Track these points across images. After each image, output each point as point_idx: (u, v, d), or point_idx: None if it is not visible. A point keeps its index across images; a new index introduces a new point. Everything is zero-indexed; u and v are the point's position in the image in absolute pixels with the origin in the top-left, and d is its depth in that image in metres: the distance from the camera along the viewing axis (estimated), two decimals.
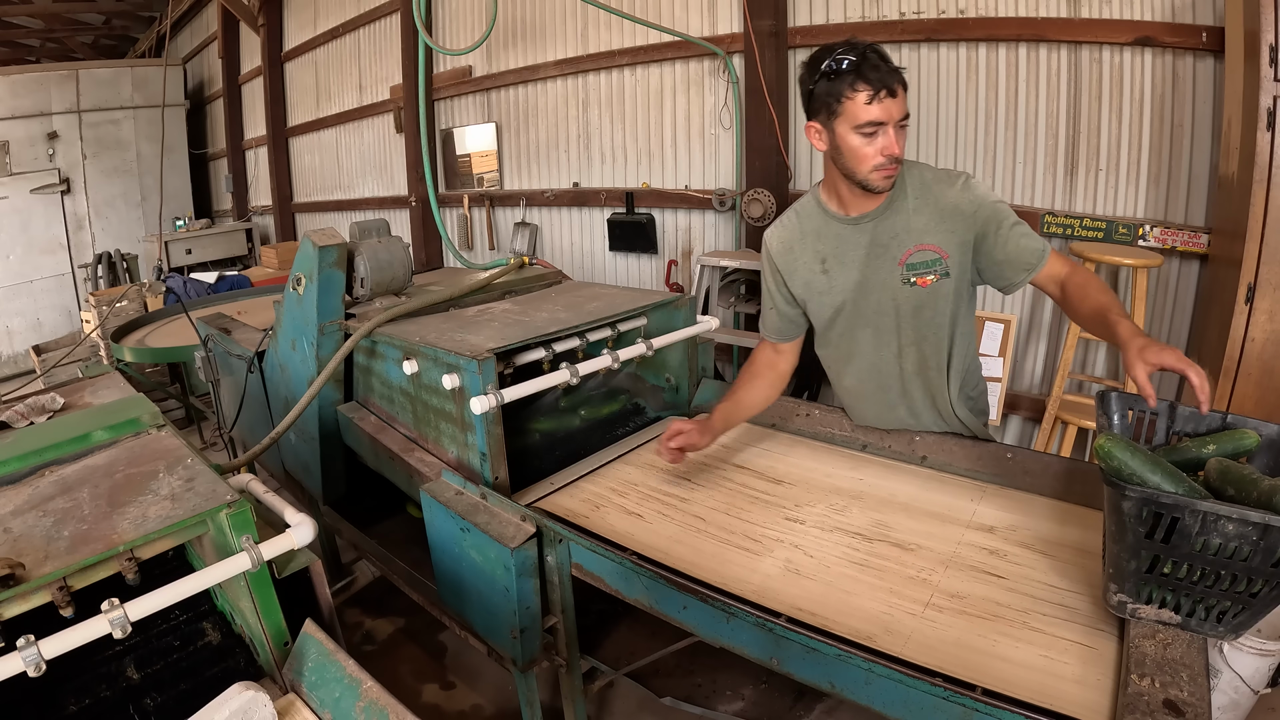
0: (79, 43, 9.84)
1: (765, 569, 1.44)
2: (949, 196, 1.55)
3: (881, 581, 1.38)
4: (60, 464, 1.36)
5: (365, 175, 7.16)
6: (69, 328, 6.97)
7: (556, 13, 4.92)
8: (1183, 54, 2.76)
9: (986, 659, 1.15)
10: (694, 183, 4.42)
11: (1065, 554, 1.41)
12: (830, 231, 1.65)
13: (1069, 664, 1.12)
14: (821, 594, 1.35)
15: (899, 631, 1.23)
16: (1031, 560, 1.41)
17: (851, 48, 1.42)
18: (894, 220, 1.58)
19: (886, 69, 1.42)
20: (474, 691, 2.28)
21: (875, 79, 1.40)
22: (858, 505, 1.66)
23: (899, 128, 1.45)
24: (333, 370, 1.98)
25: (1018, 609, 1.27)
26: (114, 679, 1.28)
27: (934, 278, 1.58)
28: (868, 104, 1.42)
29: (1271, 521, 0.94)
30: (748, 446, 1.99)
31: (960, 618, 1.26)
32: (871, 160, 1.47)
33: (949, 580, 1.37)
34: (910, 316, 1.63)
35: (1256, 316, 2.26)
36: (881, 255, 1.61)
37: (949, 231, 1.55)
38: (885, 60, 1.42)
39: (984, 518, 1.57)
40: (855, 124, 1.44)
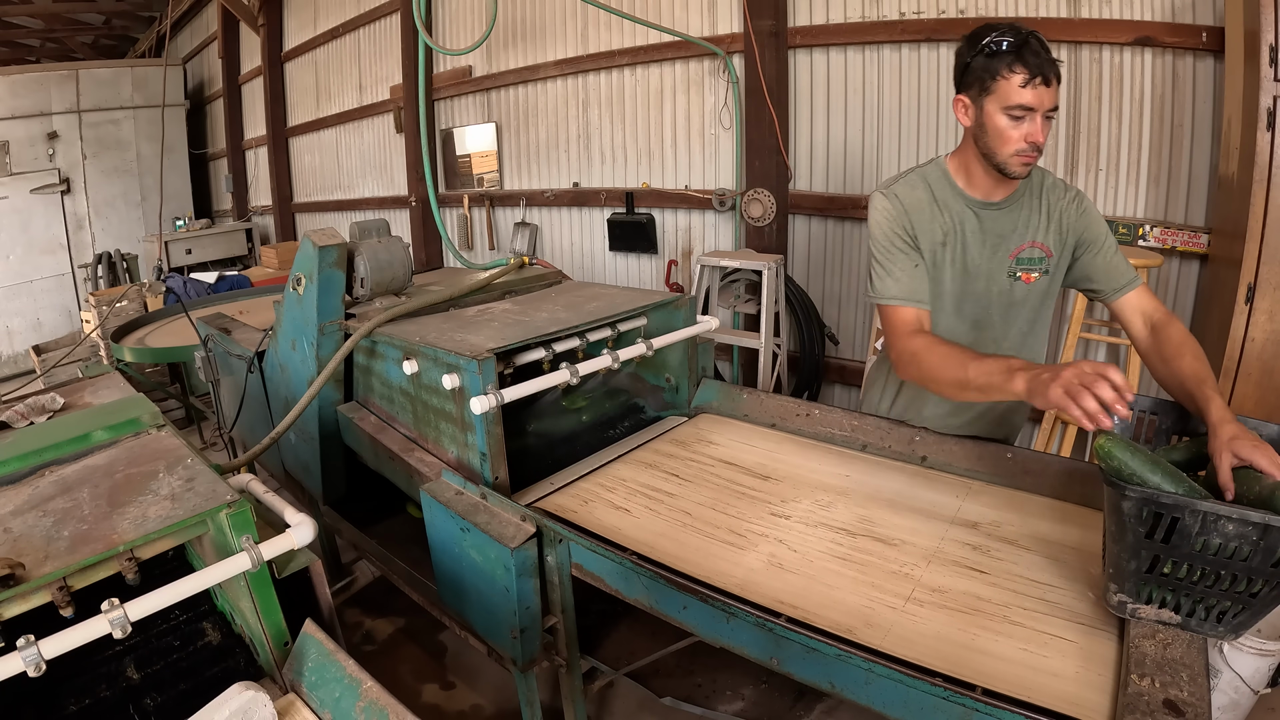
0: (79, 43, 9.84)
1: (749, 563, 1.46)
2: (1061, 203, 1.60)
3: (864, 576, 1.39)
4: (60, 464, 1.36)
5: (365, 175, 7.17)
6: (69, 328, 6.97)
7: (556, 13, 4.92)
8: (1183, 54, 2.76)
9: (965, 652, 1.16)
10: (694, 183, 4.42)
11: (1050, 550, 1.43)
12: (956, 207, 1.62)
13: (1049, 658, 1.13)
14: (804, 587, 1.37)
15: (879, 625, 1.25)
16: (1015, 556, 1.43)
17: (1016, 31, 1.43)
18: (1016, 214, 1.61)
19: (1046, 57, 1.42)
20: (474, 691, 2.28)
21: (1034, 64, 1.41)
22: (843, 501, 1.67)
23: (1046, 118, 1.45)
24: (333, 370, 1.98)
25: (998, 604, 1.28)
26: (114, 679, 1.28)
27: (1036, 275, 1.61)
28: (1022, 86, 1.42)
29: (1271, 521, 0.94)
30: (737, 443, 1.99)
31: (940, 611, 1.27)
32: (1014, 144, 1.47)
33: (931, 575, 1.38)
34: (1005, 310, 1.64)
35: (1256, 316, 2.26)
36: (998, 246, 1.61)
37: (1057, 234, 1.60)
38: (1046, 49, 1.43)
39: (969, 514, 1.58)
40: (1006, 104, 1.45)
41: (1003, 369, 1.29)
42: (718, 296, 3.87)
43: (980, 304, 1.65)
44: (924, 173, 1.66)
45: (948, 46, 3.28)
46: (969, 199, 1.61)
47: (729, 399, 2.17)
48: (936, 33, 3.27)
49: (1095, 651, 1.13)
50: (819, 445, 1.96)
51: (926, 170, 1.67)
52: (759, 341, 3.62)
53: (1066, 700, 1.04)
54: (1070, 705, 1.03)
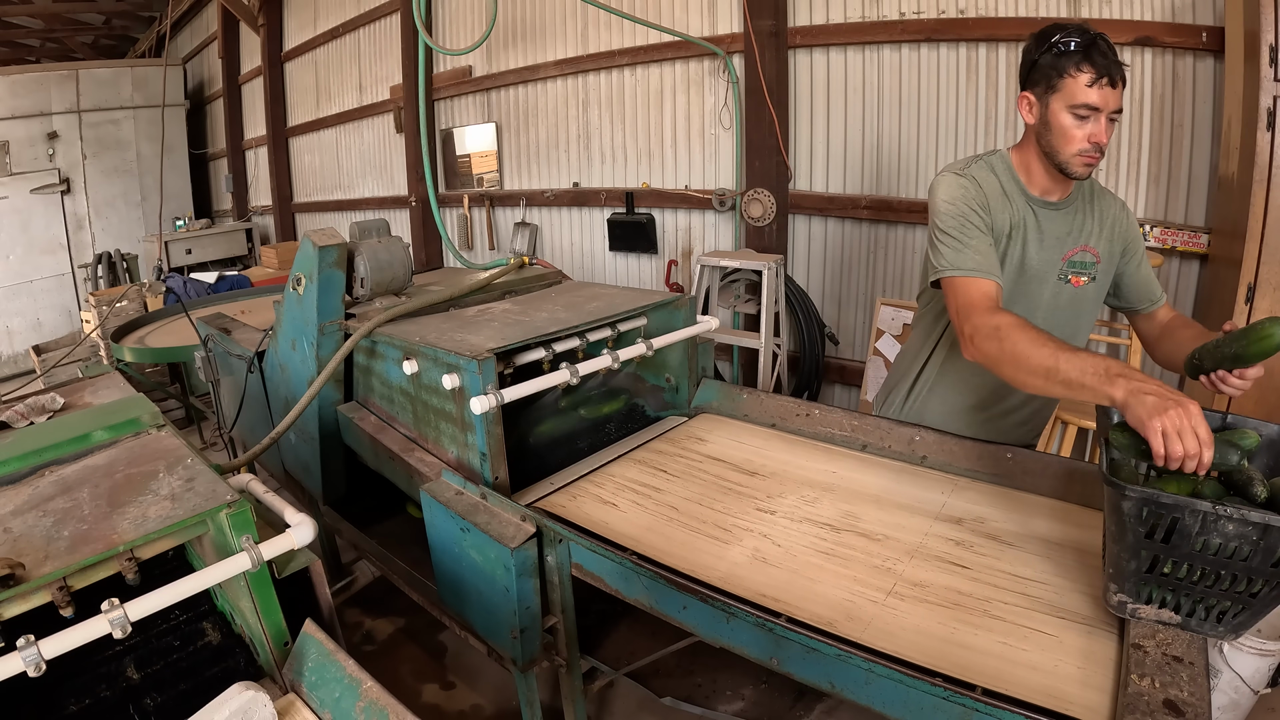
0: (79, 43, 9.84)
1: (733, 557, 1.47)
2: (1112, 209, 1.63)
3: (846, 570, 1.41)
4: (60, 464, 1.36)
5: (365, 175, 7.17)
6: (69, 328, 6.98)
7: (556, 13, 4.92)
8: (1183, 54, 2.76)
9: (944, 645, 1.17)
10: (694, 183, 4.42)
11: (1034, 546, 1.44)
12: (1019, 203, 1.61)
13: (1027, 651, 1.15)
14: (786, 581, 1.38)
15: (860, 618, 1.26)
16: (997, 551, 1.44)
17: (1084, 31, 1.44)
18: (1072, 217, 1.61)
19: (1113, 58, 1.43)
20: (474, 691, 2.28)
21: (1101, 64, 1.41)
22: (829, 497, 1.68)
23: (1110, 119, 1.46)
24: (333, 370, 1.98)
25: (979, 598, 1.30)
26: (114, 679, 1.28)
27: (1086, 280, 1.62)
28: (1089, 86, 1.42)
29: (1271, 521, 0.94)
30: (726, 439, 2.00)
31: (921, 605, 1.29)
32: (1077, 144, 1.47)
33: (913, 569, 1.39)
34: (1050, 313, 1.64)
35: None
36: (1053, 247, 1.61)
37: (1107, 240, 1.62)
38: (1113, 50, 1.43)
39: (953, 510, 1.60)
40: (1071, 103, 1.45)
41: (1100, 369, 1.20)
42: (718, 296, 3.87)
43: (1030, 304, 1.64)
44: (990, 163, 1.64)
45: (948, 46, 3.28)
46: (1030, 196, 1.61)
47: (729, 399, 2.17)
48: (936, 33, 3.27)
49: (1082, 648, 1.13)
50: (807, 442, 1.97)
51: (992, 161, 1.64)
52: (759, 341, 3.62)
53: (1041, 691, 1.05)
54: (1044, 696, 1.04)
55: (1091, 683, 1.07)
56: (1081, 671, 1.09)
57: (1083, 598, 1.26)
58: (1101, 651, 1.13)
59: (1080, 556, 1.38)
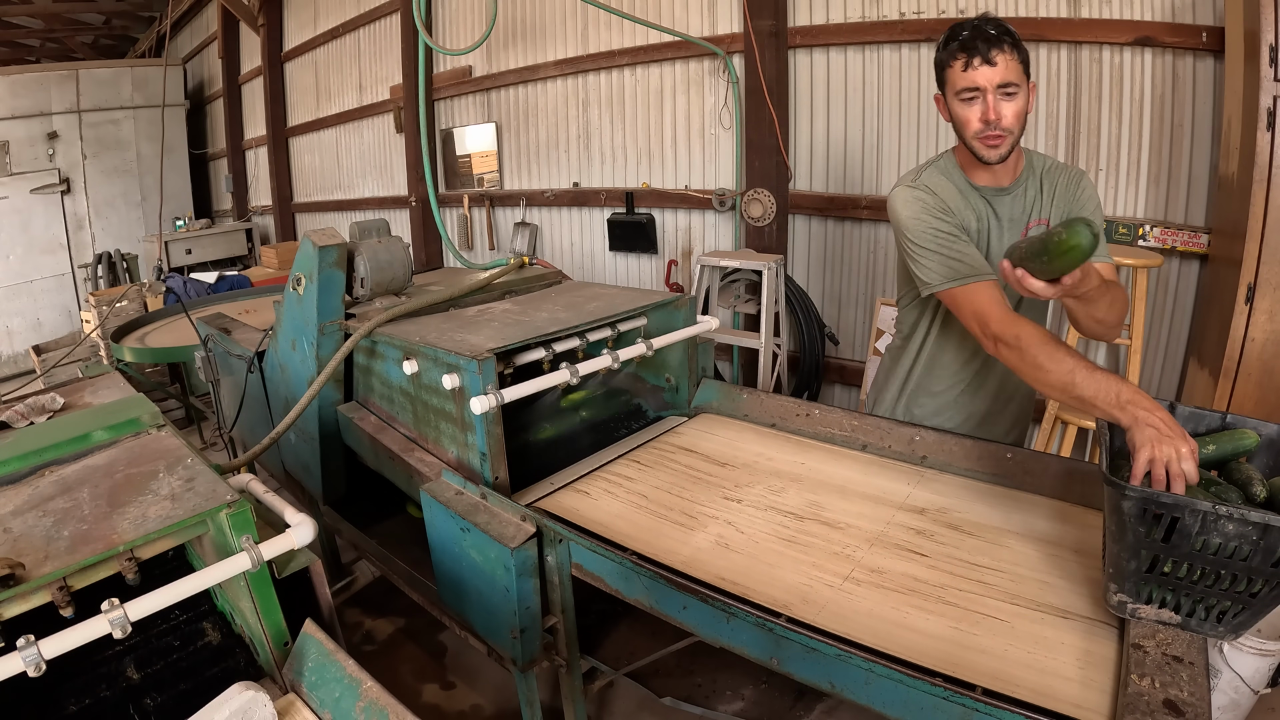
0: (79, 43, 9.84)
1: (696, 543, 1.52)
2: (1061, 182, 1.61)
3: (806, 556, 1.45)
4: (60, 464, 1.36)
5: (365, 175, 7.17)
6: (69, 328, 6.97)
7: (556, 13, 4.92)
8: (1183, 54, 2.76)
9: (895, 629, 1.21)
10: (694, 183, 4.42)
11: (991, 535, 1.48)
12: (971, 199, 1.64)
13: (978, 636, 1.18)
14: (746, 566, 1.43)
15: (815, 601, 1.30)
16: (956, 540, 1.47)
17: (969, 21, 1.50)
18: (1022, 198, 1.62)
19: (985, 37, 1.46)
20: (474, 691, 2.28)
21: (973, 46, 1.46)
22: (796, 487, 1.73)
23: (1003, 95, 1.47)
24: (333, 370, 1.98)
25: (934, 585, 1.33)
26: (114, 679, 1.29)
27: None
28: (964, 70, 1.48)
29: (1271, 521, 0.94)
30: (700, 432, 2.04)
31: (876, 590, 1.33)
32: (972, 125, 1.51)
33: (872, 556, 1.44)
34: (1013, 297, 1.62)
35: (1256, 316, 2.26)
36: (1012, 230, 1.63)
37: (1058, 211, 1.62)
38: (992, 30, 1.46)
39: (917, 500, 1.64)
40: (955, 90, 1.52)
41: (1113, 393, 1.23)
42: (718, 296, 3.87)
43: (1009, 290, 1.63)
44: (940, 166, 1.67)
45: None
46: (981, 189, 1.64)
47: (729, 399, 2.17)
48: (936, 33, 3.25)
49: (1082, 648, 1.13)
50: (776, 434, 2.02)
51: (941, 164, 1.67)
52: (759, 341, 3.62)
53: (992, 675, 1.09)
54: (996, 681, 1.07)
55: (1091, 682, 1.07)
56: (1081, 671, 1.09)
57: (1082, 598, 1.26)
58: (1101, 651, 1.13)
59: (1080, 557, 1.38)
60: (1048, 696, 1.04)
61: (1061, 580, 1.32)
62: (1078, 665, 1.10)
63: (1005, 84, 1.46)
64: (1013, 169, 1.61)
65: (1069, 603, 1.26)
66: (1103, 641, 1.15)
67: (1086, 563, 1.35)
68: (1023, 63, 1.48)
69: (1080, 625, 1.20)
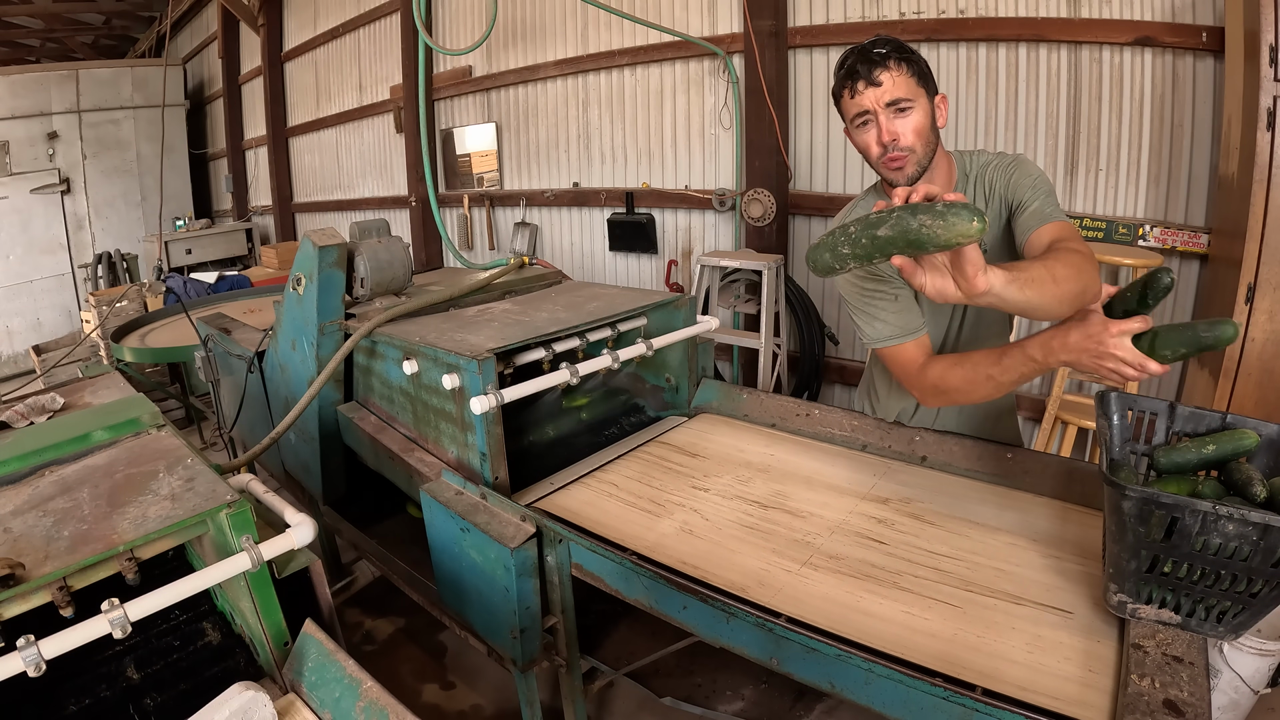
0: (79, 43, 9.84)
1: (662, 529, 1.57)
2: (1000, 178, 1.50)
3: (767, 543, 1.49)
4: (60, 464, 1.36)
5: (365, 175, 7.17)
6: (69, 328, 6.98)
7: (556, 13, 4.92)
8: (1183, 54, 2.76)
9: (848, 612, 1.26)
10: (694, 183, 4.42)
11: (953, 525, 1.51)
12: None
13: (928, 620, 1.23)
14: (707, 551, 1.47)
15: (771, 585, 1.34)
16: (917, 529, 1.50)
17: (855, 47, 1.42)
18: None
19: (865, 59, 1.38)
20: (474, 691, 2.28)
21: (854, 71, 1.40)
22: (763, 477, 1.77)
23: (895, 113, 1.39)
24: (333, 370, 1.98)
25: (890, 571, 1.37)
26: (114, 679, 1.28)
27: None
28: (851, 98, 1.42)
29: (1271, 521, 0.94)
30: (672, 425, 2.08)
31: (833, 576, 1.37)
32: (872, 150, 1.44)
33: (831, 543, 1.48)
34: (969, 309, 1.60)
35: (1256, 316, 2.26)
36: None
37: (994, 212, 1.51)
38: (875, 50, 1.38)
39: (882, 491, 1.67)
40: (849, 119, 1.46)
41: (1025, 357, 1.29)
42: (718, 296, 3.87)
43: (953, 308, 1.62)
44: (865, 203, 1.62)
45: (948, 46, 3.28)
46: None
47: (729, 399, 2.17)
48: (936, 33, 3.27)
49: (1082, 648, 1.13)
50: (748, 426, 2.07)
51: (865, 200, 1.63)
52: (759, 341, 3.62)
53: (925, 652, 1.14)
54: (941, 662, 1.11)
55: (1091, 682, 1.07)
56: (1081, 671, 1.09)
57: (1082, 598, 1.26)
58: (1101, 651, 1.13)
59: (1080, 557, 1.38)
60: (1047, 695, 1.04)
61: (1061, 580, 1.32)
62: (1077, 665, 1.11)
63: (894, 101, 1.38)
64: (941, 185, 1.49)
65: (1068, 602, 1.26)
66: (1103, 641, 1.15)
67: (1087, 563, 1.35)
68: (916, 75, 1.39)
69: (1080, 625, 1.20)
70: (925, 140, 1.42)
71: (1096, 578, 1.29)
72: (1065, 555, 1.39)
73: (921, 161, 1.44)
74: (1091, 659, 1.12)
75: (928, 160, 1.44)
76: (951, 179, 1.54)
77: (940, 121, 1.46)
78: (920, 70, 1.41)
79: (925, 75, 1.42)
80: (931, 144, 1.44)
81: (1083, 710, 1.01)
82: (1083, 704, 1.02)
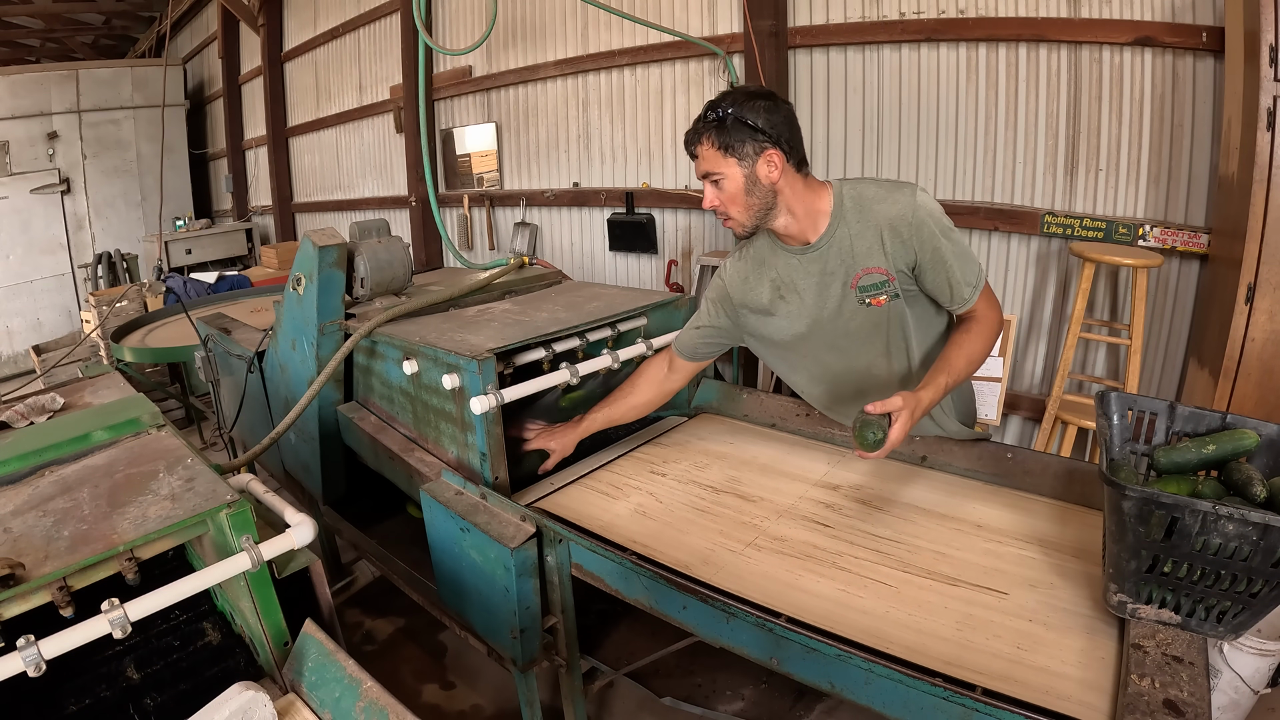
0: (79, 43, 9.83)
1: (617, 510, 1.67)
2: (887, 214, 1.53)
3: (715, 524, 1.59)
4: (60, 464, 1.36)
5: (365, 175, 7.16)
6: (69, 328, 6.97)
7: (556, 13, 4.92)
8: (1183, 54, 2.75)
9: (786, 589, 1.34)
10: (694, 183, 4.42)
11: (897, 509, 1.59)
12: (781, 261, 1.66)
13: (862, 598, 1.30)
14: (657, 531, 1.57)
15: (715, 563, 1.43)
16: (863, 514, 1.59)
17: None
18: (839, 246, 1.58)
19: (690, 131, 1.54)
20: (474, 691, 2.28)
21: (686, 142, 1.56)
22: (720, 464, 1.86)
23: (710, 183, 1.54)
24: (333, 370, 1.98)
25: (831, 552, 1.45)
26: (114, 679, 1.28)
27: (885, 298, 1.58)
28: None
29: (1271, 521, 0.94)
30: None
31: (775, 555, 1.45)
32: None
33: (778, 526, 1.57)
34: (873, 334, 1.64)
35: (1256, 316, 2.26)
36: (832, 282, 1.61)
37: (888, 255, 1.54)
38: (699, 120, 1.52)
39: (833, 479, 1.76)
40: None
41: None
42: None
43: (848, 335, 1.65)
44: (751, 242, 1.72)
45: (948, 47, 3.28)
46: (790, 249, 1.64)
47: (729, 399, 2.17)
48: (936, 33, 3.26)
49: (1082, 648, 1.13)
50: (715, 418, 2.14)
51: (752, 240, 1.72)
52: None
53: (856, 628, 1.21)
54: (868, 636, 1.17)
55: (1091, 682, 1.07)
56: (1081, 671, 1.09)
57: (1082, 598, 1.26)
58: (1101, 652, 1.13)
59: (1081, 557, 1.38)
60: (1047, 694, 1.04)
61: (1061, 580, 1.32)
62: (1077, 665, 1.11)
63: (706, 174, 1.53)
64: (810, 227, 1.57)
65: (1070, 602, 1.26)
66: (1103, 641, 1.15)
67: (1087, 563, 1.35)
68: (725, 146, 1.47)
69: (1080, 625, 1.20)
70: (743, 204, 1.53)
71: (1096, 577, 1.29)
72: (1064, 555, 1.39)
73: (745, 222, 1.56)
74: (1091, 659, 1.12)
75: (755, 219, 1.56)
76: (818, 227, 1.58)
77: (771, 177, 1.50)
78: (730, 140, 1.48)
79: (739, 142, 1.48)
80: (755, 205, 1.53)
81: (1083, 710, 1.01)
82: (1083, 704, 1.02)
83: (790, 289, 1.67)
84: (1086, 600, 1.25)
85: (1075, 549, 1.41)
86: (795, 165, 1.52)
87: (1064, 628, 1.19)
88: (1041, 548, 1.43)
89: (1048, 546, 1.43)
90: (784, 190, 1.53)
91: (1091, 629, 1.18)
